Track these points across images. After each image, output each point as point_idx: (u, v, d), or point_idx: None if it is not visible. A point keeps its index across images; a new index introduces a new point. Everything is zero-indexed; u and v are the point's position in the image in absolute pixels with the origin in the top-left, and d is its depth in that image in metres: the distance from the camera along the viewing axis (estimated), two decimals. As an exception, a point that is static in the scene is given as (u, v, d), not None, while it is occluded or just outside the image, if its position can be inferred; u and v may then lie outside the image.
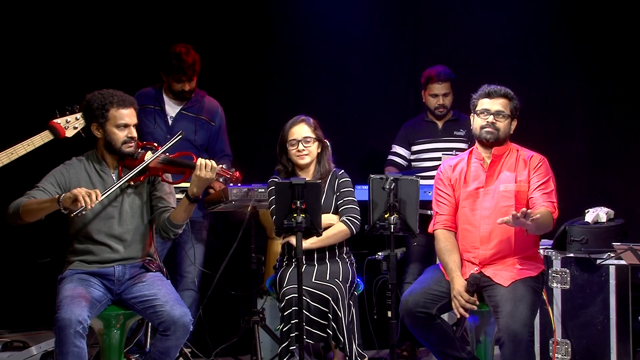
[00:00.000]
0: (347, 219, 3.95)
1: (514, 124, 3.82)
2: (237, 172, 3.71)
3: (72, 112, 3.68)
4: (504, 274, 3.67)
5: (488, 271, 3.71)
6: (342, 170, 4.09)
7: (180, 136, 3.75)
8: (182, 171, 3.73)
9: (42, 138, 3.64)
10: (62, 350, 3.37)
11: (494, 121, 3.77)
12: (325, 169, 4.03)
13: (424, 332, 3.68)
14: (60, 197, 3.46)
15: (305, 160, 3.98)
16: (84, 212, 3.44)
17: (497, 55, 5.49)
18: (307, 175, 4.02)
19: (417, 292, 3.64)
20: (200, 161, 3.61)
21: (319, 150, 4.04)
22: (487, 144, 3.80)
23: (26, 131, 3.68)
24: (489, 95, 3.80)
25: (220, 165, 3.67)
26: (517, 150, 3.83)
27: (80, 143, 3.81)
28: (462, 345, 3.72)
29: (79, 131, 3.71)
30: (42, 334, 4.63)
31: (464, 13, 5.53)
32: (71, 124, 3.68)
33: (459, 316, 3.64)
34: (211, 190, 4.54)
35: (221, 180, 3.73)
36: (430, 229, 3.93)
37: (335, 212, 4.01)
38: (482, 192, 3.79)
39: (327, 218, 3.93)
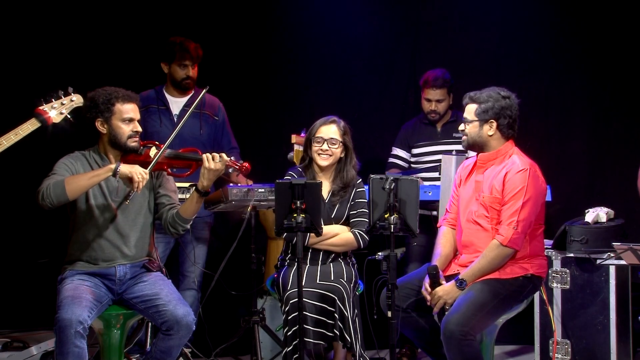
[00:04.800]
0: (358, 232, 3.96)
1: (490, 126, 3.71)
2: (247, 163, 3.77)
3: (57, 98, 3.63)
4: None
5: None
6: (360, 179, 4.08)
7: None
8: (189, 164, 3.77)
9: (29, 126, 3.56)
10: (63, 351, 3.37)
11: (463, 128, 3.78)
12: (349, 176, 4.02)
13: (402, 326, 3.73)
14: (118, 169, 3.50)
15: (325, 162, 3.98)
16: (130, 195, 3.60)
17: (497, 56, 5.49)
18: (325, 178, 4.01)
19: (398, 285, 3.65)
20: (207, 155, 3.66)
21: (342, 155, 4.03)
22: (473, 151, 3.83)
23: (15, 125, 3.67)
24: (462, 100, 3.81)
25: (230, 157, 3.72)
26: (510, 157, 3.73)
27: (71, 139, 3.81)
28: None
29: (65, 116, 3.63)
30: (42, 334, 4.64)
31: (463, 13, 5.52)
32: (57, 109, 3.60)
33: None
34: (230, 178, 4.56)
35: (230, 170, 3.78)
36: (438, 224, 3.99)
37: (346, 221, 4.01)
38: (472, 197, 3.79)
39: (337, 229, 3.94)
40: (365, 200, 4.02)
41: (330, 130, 3.99)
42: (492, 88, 3.77)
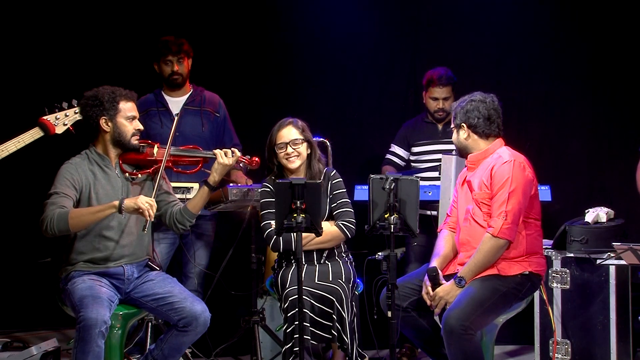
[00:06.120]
0: (342, 224, 3.94)
1: (462, 130, 3.80)
2: (256, 157, 3.90)
3: (61, 109, 3.71)
4: None
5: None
6: (334, 170, 4.06)
7: (176, 118, 4.02)
8: (196, 161, 3.87)
9: (32, 135, 3.65)
10: (85, 349, 3.39)
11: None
12: (315, 170, 4.00)
13: (402, 326, 3.75)
14: (123, 205, 3.49)
15: (295, 164, 3.95)
16: (147, 225, 3.57)
17: (497, 56, 5.49)
18: None
19: (398, 284, 3.66)
20: (219, 151, 3.79)
21: (308, 152, 4.01)
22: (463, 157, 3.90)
23: (15, 129, 3.68)
24: None
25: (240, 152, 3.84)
26: (499, 155, 3.74)
27: (71, 139, 3.82)
28: None
29: (68, 128, 3.72)
30: (42, 334, 4.63)
31: (463, 13, 5.52)
32: (61, 120, 3.70)
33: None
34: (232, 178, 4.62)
35: (241, 165, 3.87)
36: (438, 228, 4.01)
37: (330, 215, 4.00)
38: (467, 196, 3.81)
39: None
40: (344, 190, 4.02)
41: (290, 133, 3.96)
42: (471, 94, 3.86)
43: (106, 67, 5.23)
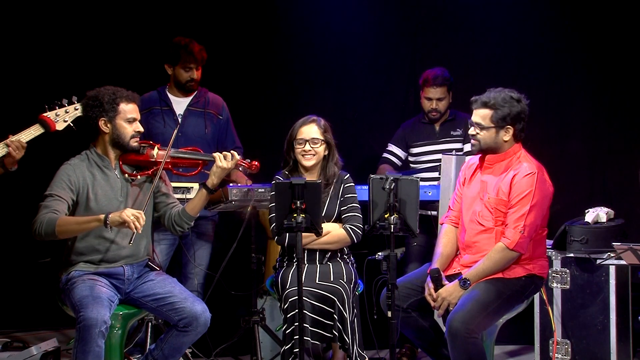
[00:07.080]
0: (349, 227, 3.94)
1: (506, 132, 3.68)
2: (255, 161, 3.87)
3: (62, 106, 3.69)
4: None
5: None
6: (348, 174, 4.05)
7: (176, 129, 4.01)
8: (196, 164, 3.87)
9: (32, 132, 3.64)
10: (85, 349, 3.39)
11: (474, 133, 3.71)
12: (330, 173, 3.99)
13: (402, 326, 3.75)
14: (108, 219, 3.46)
15: (310, 162, 3.95)
16: (133, 236, 3.52)
17: (497, 55, 5.49)
18: (312, 177, 3.98)
19: (398, 285, 3.66)
20: (219, 154, 3.78)
21: (326, 153, 4.01)
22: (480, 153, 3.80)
23: (16, 126, 3.68)
24: (471, 104, 3.74)
25: (240, 156, 3.84)
26: (518, 159, 3.72)
27: (71, 138, 3.82)
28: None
29: (69, 124, 3.71)
30: (42, 334, 4.63)
31: (463, 13, 5.53)
32: (61, 117, 3.68)
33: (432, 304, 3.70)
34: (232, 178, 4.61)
35: (240, 169, 3.88)
36: (440, 221, 3.99)
37: (338, 218, 4.00)
38: (477, 197, 3.78)
39: (329, 227, 3.92)
40: (355, 195, 4.02)
41: (311, 130, 3.96)
42: (500, 90, 3.72)
43: (107, 65, 5.23)
